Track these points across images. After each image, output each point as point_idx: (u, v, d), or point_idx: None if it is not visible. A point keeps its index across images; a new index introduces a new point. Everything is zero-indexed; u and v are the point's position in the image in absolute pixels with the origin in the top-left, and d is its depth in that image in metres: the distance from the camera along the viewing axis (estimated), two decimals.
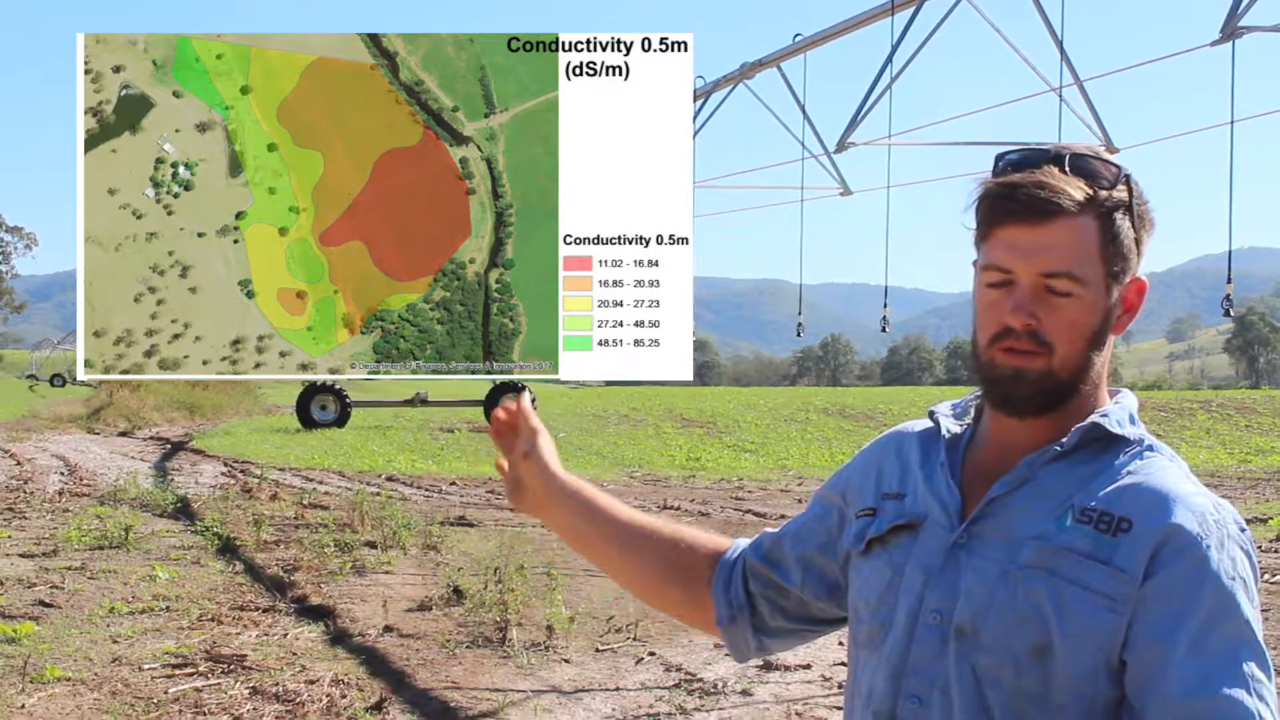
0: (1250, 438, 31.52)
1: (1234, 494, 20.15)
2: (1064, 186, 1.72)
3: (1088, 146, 1.80)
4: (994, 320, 1.75)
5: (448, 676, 7.81)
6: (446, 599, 9.86)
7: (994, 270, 1.75)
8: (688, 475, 24.67)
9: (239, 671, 7.69)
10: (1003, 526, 1.75)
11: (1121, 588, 1.64)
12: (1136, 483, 1.72)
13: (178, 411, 43.57)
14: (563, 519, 2.18)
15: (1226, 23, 10.77)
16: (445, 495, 19.49)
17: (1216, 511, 1.70)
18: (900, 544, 1.84)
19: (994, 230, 1.76)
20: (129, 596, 9.89)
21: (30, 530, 13.62)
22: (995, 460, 1.82)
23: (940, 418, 1.94)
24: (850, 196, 17.41)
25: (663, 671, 7.99)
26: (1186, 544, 1.64)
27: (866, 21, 15.30)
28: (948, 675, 1.72)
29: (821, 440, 31.96)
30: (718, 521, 15.88)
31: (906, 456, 1.96)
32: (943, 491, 1.83)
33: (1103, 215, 1.74)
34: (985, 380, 1.80)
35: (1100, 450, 1.77)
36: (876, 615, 1.83)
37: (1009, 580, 1.70)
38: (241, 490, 18.47)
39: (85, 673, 7.61)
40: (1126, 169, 1.77)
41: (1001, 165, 1.80)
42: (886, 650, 1.80)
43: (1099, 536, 1.68)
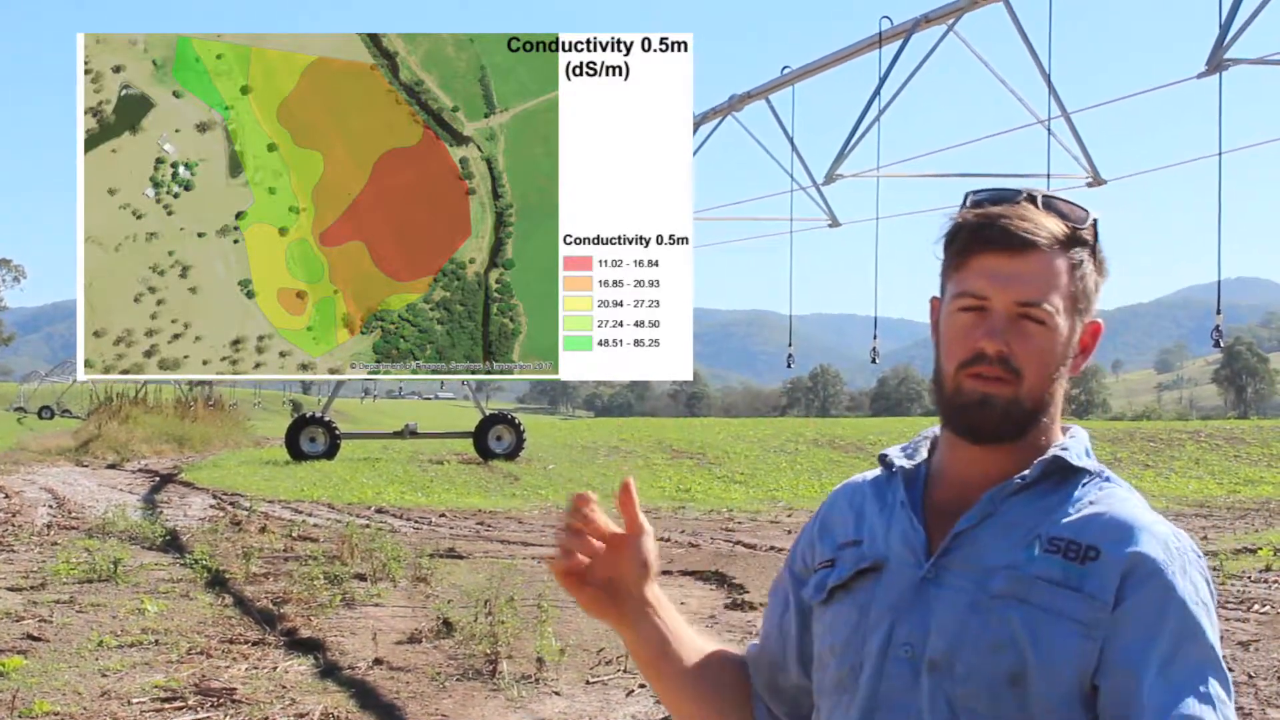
0: (1239, 468, 31.55)
1: (1223, 524, 20.16)
2: (1042, 221, 1.78)
3: (1054, 193, 1.86)
4: (965, 347, 1.79)
5: (438, 709, 7.79)
6: (436, 631, 9.83)
7: (968, 297, 1.79)
8: (677, 506, 24.63)
9: (228, 705, 7.66)
10: (971, 559, 1.77)
11: (1094, 614, 1.68)
12: (1100, 512, 1.76)
13: (166, 444, 43.41)
14: (647, 633, 2.02)
15: (1213, 55, 10.87)
16: (435, 527, 19.44)
17: (1177, 539, 1.74)
18: (865, 586, 1.86)
19: (970, 259, 1.80)
20: (118, 630, 9.85)
21: (18, 563, 13.57)
22: (955, 495, 1.85)
23: (893, 459, 1.96)
24: (839, 228, 17.48)
25: (653, 704, 7.96)
26: (1153, 571, 1.69)
27: (854, 54, 15.44)
28: (920, 708, 1.74)
29: (811, 471, 31.94)
30: (708, 553, 15.86)
31: (859, 505, 1.98)
32: (906, 529, 1.86)
33: (1071, 255, 1.80)
34: (951, 408, 1.83)
35: (1059, 482, 1.81)
36: (845, 659, 1.84)
37: (981, 610, 1.73)
38: (230, 523, 18.41)
39: (74, 707, 7.57)
40: (1095, 213, 1.83)
41: (975, 200, 1.85)
42: (859, 690, 1.81)
43: (1068, 565, 1.71)
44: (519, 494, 27.40)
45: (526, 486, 28.76)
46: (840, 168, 15.98)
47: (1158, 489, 26.67)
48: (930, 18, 15.18)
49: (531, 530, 19.15)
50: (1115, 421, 67.50)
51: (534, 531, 18.92)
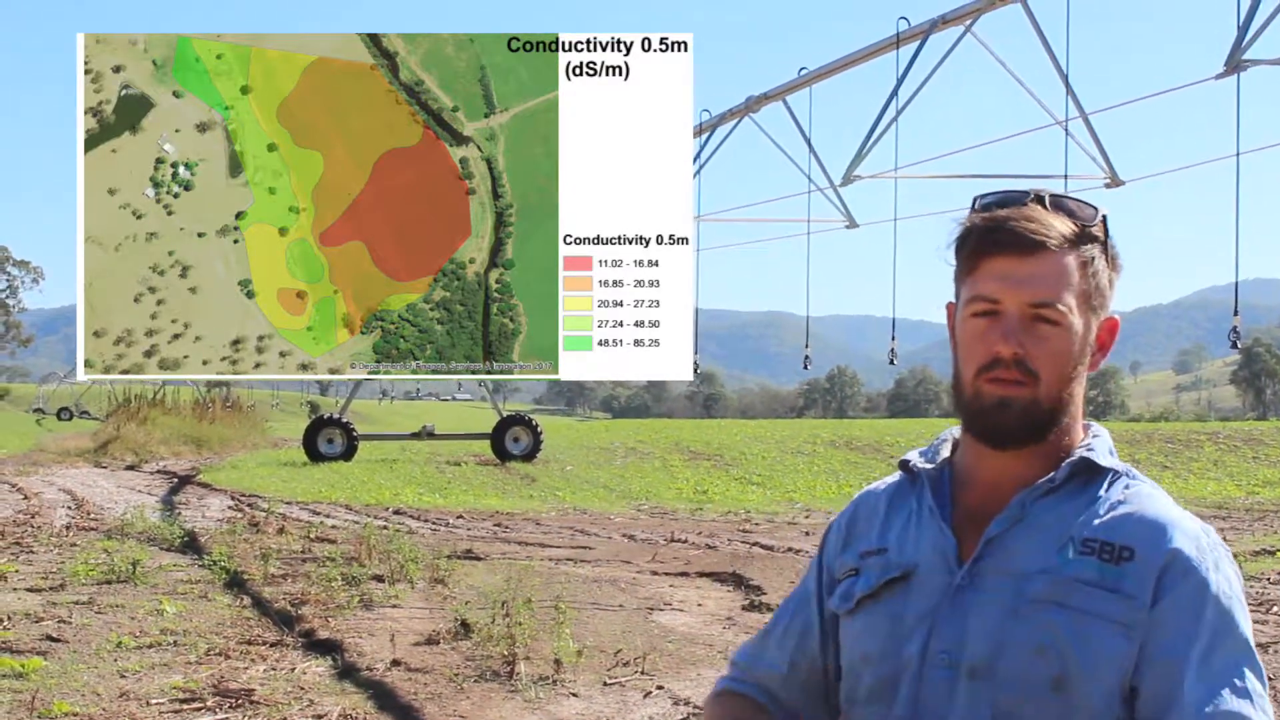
0: (1258, 469, 31.42)
1: (1242, 526, 20.08)
2: (1051, 221, 1.79)
3: (1062, 192, 1.87)
4: (982, 351, 1.79)
5: (455, 711, 7.79)
6: (454, 633, 9.83)
7: (981, 301, 1.79)
8: (695, 508, 24.62)
9: (247, 706, 7.68)
10: (1004, 564, 1.78)
11: (1132, 614, 1.69)
12: (1130, 512, 1.77)
13: (184, 445, 43.53)
14: None
15: (1231, 55, 10.82)
16: (452, 528, 19.46)
17: (1207, 535, 1.77)
18: (895, 596, 1.86)
19: (981, 263, 1.80)
20: (136, 631, 9.87)
21: (37, 565, 13.61)
22: (982, 499, 1.85)
23: (915, 465, 1.97)
24: (856, 229, 17.44)
25: (671, 705, 7.96)
26: (1187, 569, 1.71)
27: (872, 55, 15.41)
28: (960, 715, 1.74)
29: (829, 472, 31.90)
30: (725, 554, 15.85)
31: (881, 512, 1.99)
32: (936, 536, 1.86)
33: (1082, 253, 1.80)
34: (970, 413, 1.83)
35: (1085, 483, 1.82)
36: (880, 669, 1.84)
37: (1020, 615, 1.73)
38: (249, 524, 18.44)
39: (93, 708, 7.59)
40: (1104, 210, 1.82)
41: (983, 204, 1.85)
42: (898, 699, 1.81)
43: (1104, 566, 1.72)
44: (536, 495, 27.42)
45: (544, 488, 28.78)
46: (858, 169, 15.96)
47: (1176, 490, 26.56)
48: (948, 19, 15.15)
49: (549, 531, 19.15)
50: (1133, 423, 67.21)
51: (551, 533, 18.92)
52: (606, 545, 17.09)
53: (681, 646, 9.75)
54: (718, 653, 9.54)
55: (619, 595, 12.25)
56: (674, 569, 14.38)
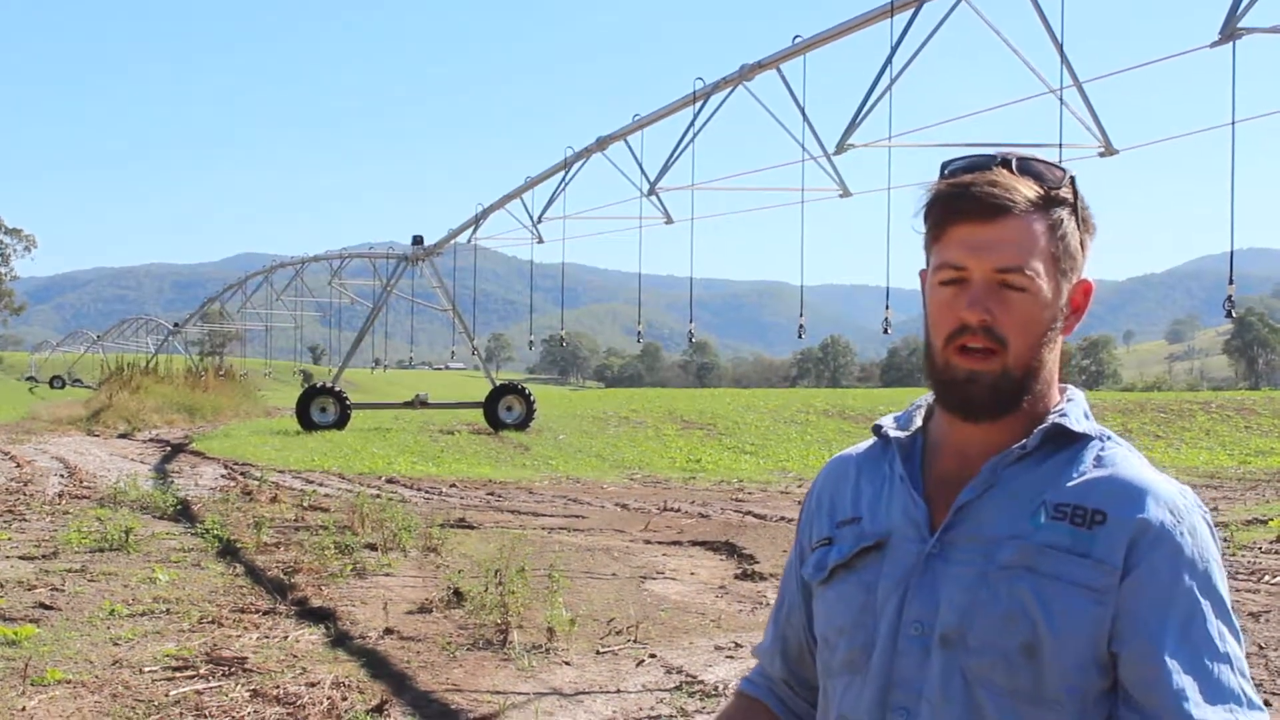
0: (1250, 439, 31.53)
1: (1234, 495, 20.15)
2: (1016, 185, 1.76)
3: (1031, 155, 1.83)
4: (949, 318, 1.77)
5: (448, 679, 7.81)
6: (447, 601, 9.85)
7: (948, 269, 1.77)
8: (688, 477, 24.67)
9: (240, 674, 7.69)
10: (975, 531, 1.76)
11: (1103, 579, 1.68)
12: (1104, 475, 1.75)
13: (177, 413, 43.56)
14: None
15: (1226, 24, 10.77)
16: (445, 497, 19.49)
17: (1183, 496, 1.75)
18: (868, 565, 1.85)
19: (946, 230, 1.78)
20: (129, 599, 9.88)
21: (30, 532, 13.62)
22: (955, 467, 1.84)
23: (888, 431, 1.95)
24: (850, 198, 17.40)
25: (664, 674, 7.98)
26: (1161, 534, 1.69)
27: (866, 23, 15.30)
28: (933, 684, 1.74)
29: (821, 441, 31.97)
30: (718, 523, 15.88)
31: (854, 479, 1.98)
32: (907, 503, 1.85)
33: (1050, 216, 1.77)
34: (941, 385, 1.81)
35: (1059, 447, 1.80)
36: (854, 638, 1.84)
37: (990, 582, 1.72)
38: (241, 492, 18.47)
39: (86, 675, 7.60)
40: (1072, 171, 1.80)
41: (950, 170, 1.82)
42: (872, 669, 1.80)
43: (1075, 530, 1.71)
44: (529, 464, 27.46)
45: (537, 457, 28.82)
46: (851, 137, 15.86)
47: (1168, 460, 26.64)
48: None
49: (542, 500, 19.18)
50: (1126, 392, 67.38)
51: (544, 501, 18.96)
52: (599, 514, 17.12)
53: (674, 615, 9.78)
54: (710, 621, 9.56)
55: (612, 564, 12.28)
56: (667, 538, 14.41)
